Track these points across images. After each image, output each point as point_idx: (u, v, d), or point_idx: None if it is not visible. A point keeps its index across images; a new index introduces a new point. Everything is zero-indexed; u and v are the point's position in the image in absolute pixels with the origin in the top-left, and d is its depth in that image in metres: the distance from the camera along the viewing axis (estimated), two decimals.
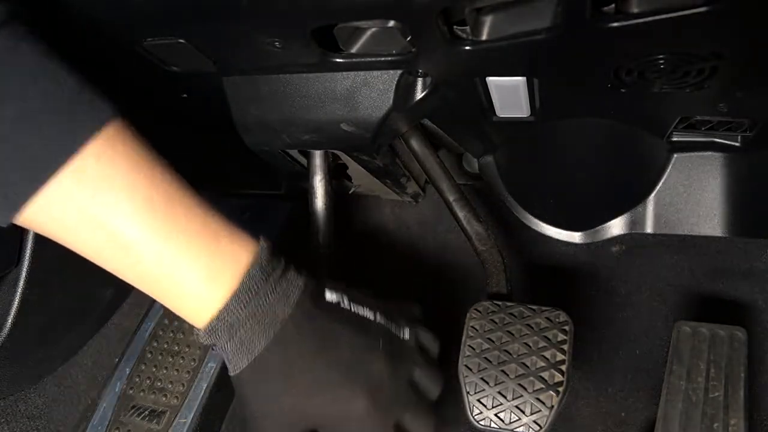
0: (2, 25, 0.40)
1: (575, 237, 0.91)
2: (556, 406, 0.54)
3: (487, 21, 0.50)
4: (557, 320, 0.57)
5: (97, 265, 0.46)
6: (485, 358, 0.57)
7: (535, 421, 0.54)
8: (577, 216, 0.90)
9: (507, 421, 0.55)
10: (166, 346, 0.90)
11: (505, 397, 0.55)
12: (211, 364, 0.87)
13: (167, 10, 0.51)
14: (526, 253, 0.97)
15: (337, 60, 0.57)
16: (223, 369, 0.87)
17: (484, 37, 0.51)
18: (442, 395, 0.95)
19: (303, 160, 0.81)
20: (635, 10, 0.44)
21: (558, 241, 0.92)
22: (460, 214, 0.67)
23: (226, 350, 0.48)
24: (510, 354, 0.56)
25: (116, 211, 0.42)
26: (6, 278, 0.71)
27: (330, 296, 0.52)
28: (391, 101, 0.61)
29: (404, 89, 0.61)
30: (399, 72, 0.60)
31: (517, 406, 0.55)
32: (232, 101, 0.67)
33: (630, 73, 0.53)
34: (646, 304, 0.90)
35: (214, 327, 0.46)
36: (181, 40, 0.57)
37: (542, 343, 0.56)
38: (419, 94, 0.62)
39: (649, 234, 0.88)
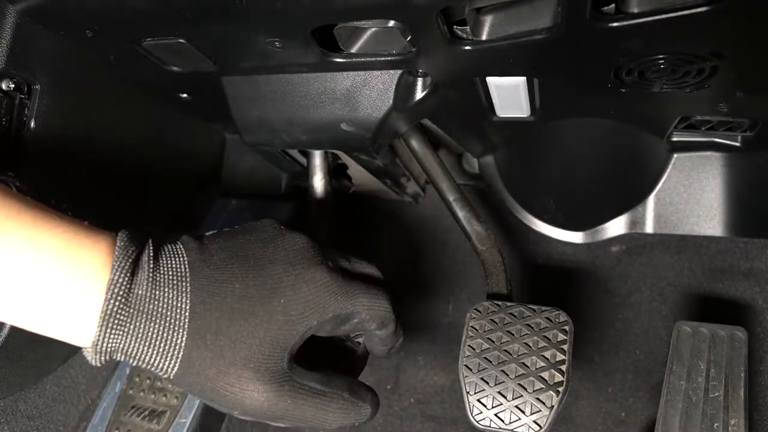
0: None
1: (575, 237, 0.91)
2: (556, 406, 0.54)
3: (487, 21, 0.50)
4: (557, 320, 0.57)
5: None
6: (485, 358, 0.57)
7: (535, 421, 0.54)
8: (577, 216, 0.90)
9: (507, 421, 0.55)
10: None
11: (505, 397, 0.55)
12: None
13: (167, 10, 0.51)
14: (526, 253, 0.97)
15: (337, 60, 0.57)
16: None
17: (484, 37, 0.51)
18: (442, 395, 0.95)
19: (303, 160, 0.81)
20: (635, 10, 0.44)
21: (558, 241, 0.92)
22: (460, 214, 0.67)
23: (137, 354, 0.43)
24: (510, 354, 0.56)
25: None
26: None
27: (207, 233, 0.49)
28: (391, 101, 0.61)
29: (404, 89, 0.61)
30: (399, 72, 0.60)
31: (517, 406, 0.55)
32: (232, 101, 0.67)
33: (630, 73, 0.53)
34: (646, 304, 0.90)
35: (108, 331, 0.41)
36: (181, 40, 0.57)
37: (542, 343, 0.56)
38: (419, 94, 0.62)
39: (649, 234, 0.88)
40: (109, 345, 0.42)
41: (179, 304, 0.43)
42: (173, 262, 0.45)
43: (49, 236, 0.42)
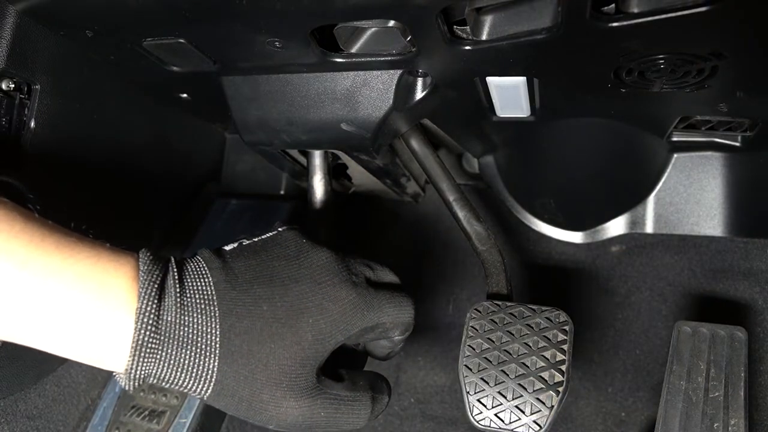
0: None
1: (575, 237, 0.91)
2: (556, 406, 0.54)
3: (487, 21, 0.50)
4: (557, 320, 0.57)
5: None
6: (485, 358, 0.57)
7: (535, 421, 0.54)
8: (577, 216, 0.90)
9: (507, 421, 0.55)
10: None
11: (505, 397, 0.55)
12: None
13: (167, 10, 0.51)
14: (526, 253, 0.97)
15: (337, 60, 0.57)
16: None
17: (484, 37, 0.51)
18: (442, 395, 0.95)
19: (303, 160, 0.81)
20: (635, 10, 0.44)
21: (558, 241, 0.92)
22: (460, 214, 0.67)
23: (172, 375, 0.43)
24: (510, 354, 0.56)
25: None
26: None
27: (227, 247, 0.49)
28: (391, 101, 0.61)
29: (404, 89, 0.61)
30: (399, 72, 0.60)
31: (517, 406, 0.55)
32: (232, 101, 0.67)
33: (630, 73, 0.53)
34: (646, 304, 0.90)
35: (143, 351, 0.42)
36: (181, 40, 0.57)
37: (542, 343, 0.56)
38: (419, 94, 0.62)
39: (649, 234, 0.88)
40: (142, 372, 0.43)
41: (209, 330, 0.44)
42: (199, 284, 0.45)
43: (72, 262, 0.42)
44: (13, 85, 0.61)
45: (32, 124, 0.64)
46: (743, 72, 0.52)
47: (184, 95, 0.78)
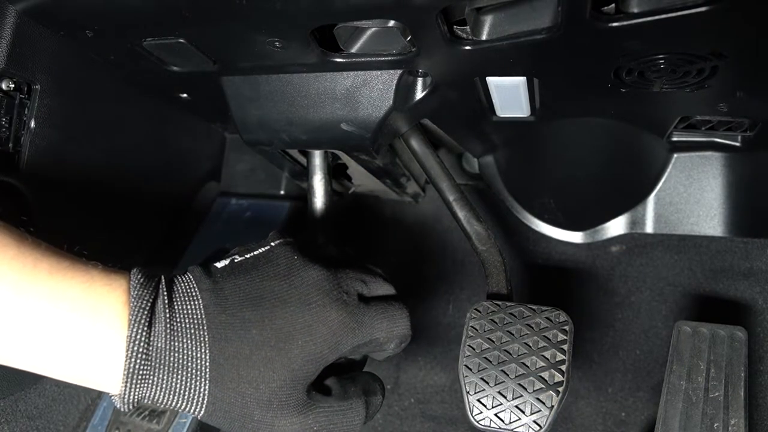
0: None
1: (575, 237, 0.91)
2: (556, 406, 0.54)
3: (487, 21, 0.50)
4: (557, 320, 0.57)
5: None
6: (485, 358, 0.57)
7: (535, 421, 0.54)
8: (577, 216, 0.90)
9: (507, 421, 0.55)
10: None
11: (505, 397, 0.55)
12: None
13: (167, 10, 0.51)
14: (526, 253, 0.97)
15: (337, 60, 0.57)
16: None
17: (484, 37, 0.51)
18: (442, 395, 0.95)
19: (303, 160, 0.81)
20: (635, 10, 0.44)
21: (558, 241, 0.92)
22: (460, 214, 0.67)
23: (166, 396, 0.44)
24: (510, 354, 0.56)
25: None
26: None
27: (219, 264, 0.49)
28: (391, 101, 0.61)
29: (404, 89, 0.61)
30: (399, 72, 0.60)
31: (517, 406, 0.55)
32: (231, 101, 0.67)
33: (630, 73, 0.53)
34: (646, 304, 0.90)
35: (137, 366, 0.43)
36: (181, 40, 0.57)
37: (542, 343, 0.56)
38: (419, 94, 0.62)
39: (649, 234, 0.88)
40: (136, 396, 0.44)
41: (199, 355, 0.44)
42: (188, 306, 0.45)
43: (65, 288, 0.43)
44: (13, 85, 0.61)
45: (32, 124, 0.64)
46: (743, 72, 0.52)
47: (184, 95, 0.78)
